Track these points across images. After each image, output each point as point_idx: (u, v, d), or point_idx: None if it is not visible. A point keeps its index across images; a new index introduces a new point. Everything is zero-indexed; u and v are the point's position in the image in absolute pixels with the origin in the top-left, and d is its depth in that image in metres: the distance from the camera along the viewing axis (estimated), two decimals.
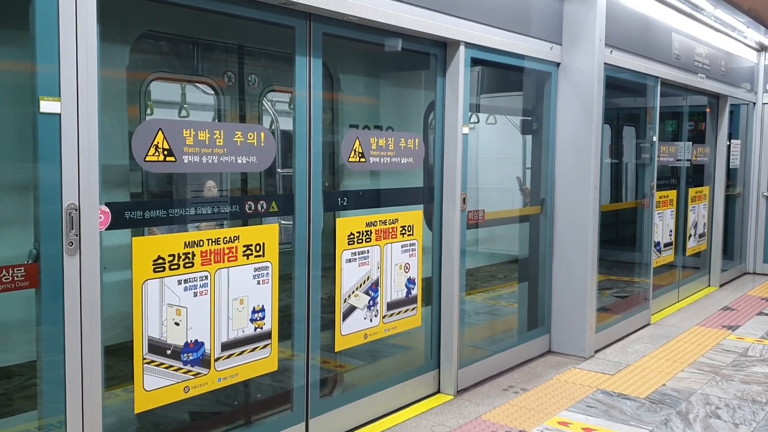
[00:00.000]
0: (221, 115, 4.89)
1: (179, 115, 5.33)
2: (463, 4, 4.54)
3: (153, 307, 3.03)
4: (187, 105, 5.39)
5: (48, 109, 2.59)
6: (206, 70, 4.69)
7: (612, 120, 9.08)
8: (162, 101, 4.55)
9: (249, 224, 3.77)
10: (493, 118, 7.58)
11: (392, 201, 4.51)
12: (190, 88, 5.39)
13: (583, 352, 5.69)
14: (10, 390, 3.77)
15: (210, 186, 4.64)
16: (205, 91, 5.78)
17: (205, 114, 5.76)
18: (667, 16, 6.91)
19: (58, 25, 2.60)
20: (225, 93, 4.81)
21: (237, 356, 3.40)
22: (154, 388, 3.08)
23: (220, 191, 4.57)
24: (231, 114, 4.87)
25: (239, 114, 4.92)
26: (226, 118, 4.90)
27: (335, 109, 5.58)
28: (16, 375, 3.78)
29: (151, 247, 3.02)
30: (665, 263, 7.56)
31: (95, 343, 2.77)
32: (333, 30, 3.80)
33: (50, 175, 2.62)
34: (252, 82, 4.82)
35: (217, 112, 5.50)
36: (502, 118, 7.67)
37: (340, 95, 5.66)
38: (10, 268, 2.54)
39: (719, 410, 4.54)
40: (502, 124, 7.70)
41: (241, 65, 4.79)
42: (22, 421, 3.49)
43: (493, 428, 4.18)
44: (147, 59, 4.25)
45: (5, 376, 3.77)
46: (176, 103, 4.70)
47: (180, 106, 5.33)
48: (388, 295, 4.31)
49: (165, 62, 4.42)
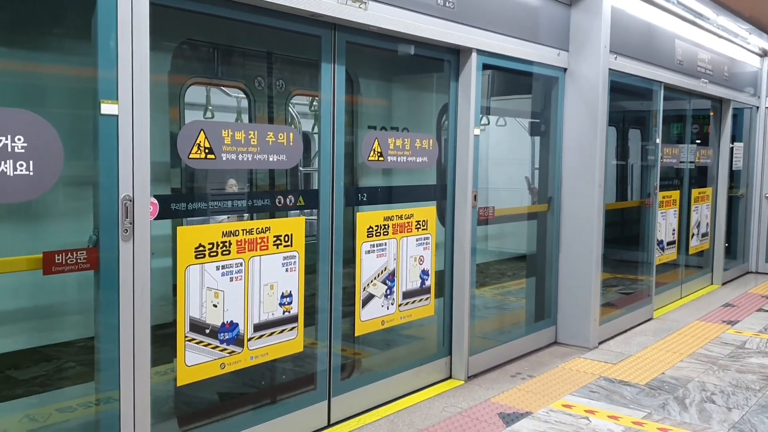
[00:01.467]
0: (251, 117, 5.23)
1: (204, 116, 5.67)
2: (475, 14, 4.85)
3: (194, 290, 3.36)
4: (212, 107, 5.75)
5: (107, 111, 2.92)
6: (238, 75, 5.04)
7: (619, 123, 9.36)
8: (193, 104, 4.91)
9: (276, 217, 4.10)
10: (503, 120, 7.89)
11: (407, 197, 4.83)
12: (213, 90, 5.74)
13: (588, 343, 5.99)
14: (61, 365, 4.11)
15: (231, 184, 4.98)
16: (229, 94, 6.12)
17: (227, 116, 6.11)
18: (670, 24, 7.19)
19: (116, 36, 2.93)
20: (256, 96, 5.15)
21: (267, 337, 3.73)
22: (195, 364, 3.40)
23: (250, 187, 4.91)
24: (260, 116, 5.21)
25: (268, 116, 5.26)
26: (255, 119, 5.24)
27: (354, 111, 5.91)
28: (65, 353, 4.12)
29: (193, 236, 3.34)
30: (668, 261, 7.84)
31: (145, 318, 3.09)
32: (356, 39, 4.13)
33: (108, 170, 2.95)
34: (279, 86, 5.16)
35: (239, 113, 5.84)
36: (512, 121, 7.98)
37: (359, 98, 6.00)
38: (74, 252, 2.87)
39: (714, 396, 4.83)
40: (511, 126, 8.01)
41: (270, 71, 5.13)
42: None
43: (501, 409, 4.49)
44: (187, 65, 4.60)
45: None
46: (206, 105, 5.06)
47: (205, 108, 5.68)
48: (403, 285, 4.62)
49: (202, 68, 4.77)
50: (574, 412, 4.47)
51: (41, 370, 4.07)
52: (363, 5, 3.98)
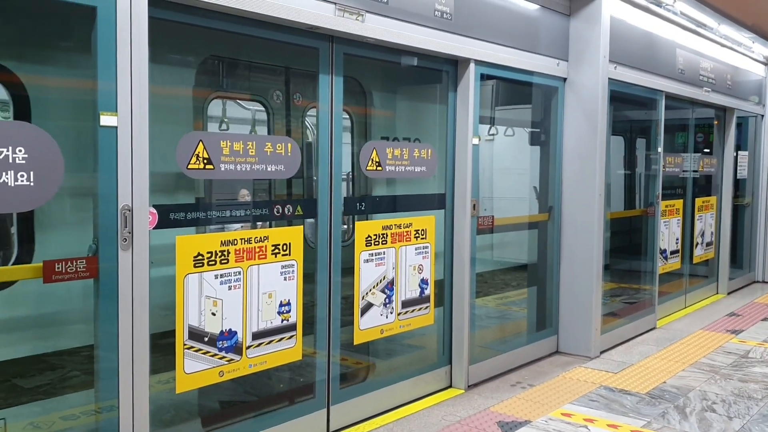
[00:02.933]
0: (270, 129, 5.37)
1: (220, 128, 5.77)
2: (473, 25, 4.90)
3: (193, 298, 3.41)
4: (227, 119, 5.84)
5: (106, 122, 2.98)
6: (258, 89, 5.16)
7: (625, 132, 9.37)
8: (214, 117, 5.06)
9: (274, 226, 4.14)
10: (511, 130, 7.93)
11: (406, 207, 4.87)
12: (230, 103, 5.83)
13: (589, 352, 5.99)
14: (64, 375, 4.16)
15: (243, 194, 5.05)
16: (244, 107, 6.22)
17: (242, 128, 6.21)
18: (671, 33, 7.22)
19: (115, 49, 2.99)
20: (274, 109, 5.28)
21: (266, 345, 3.76)
22: (193, 372, 3.44)
23: (269, 196, 5.00)
24: (278, 128, 5.33)
25: (285, 128, 5.38)
26: (273, 131, 5.37)
27: (368, 123, 6.01)
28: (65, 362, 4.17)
29: (192, 245, 3.39)
30: (672, 270, 7.83)
31: (144, 326, 3.14)
32: (353, 51, 4.18)
33: (108, 180, 3.01)
34: (297, 99, 5.28)
35: (254, 125, 5.92)
36: (520, 131, 8.01)
37: (372, 110, 6.08)
38: (74, 260, 2.93)
39: (715, 405, 4.82)
40: (520, 136, 8.03)
41: (287, 84, 5.26)
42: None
43: (500, 418, 4.50)
44: (210, 80, 4.75)
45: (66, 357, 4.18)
46: (225, 118, 5.18)
47: (221, 120, 5.78)
48: (402, 294, 4.65)
49: (224, 82, 4.92)
50: (573, 421, 4.48)
51: (46, 379, 4.13)
52: (360, 17, 4.04)
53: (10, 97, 3.79)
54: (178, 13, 3.33)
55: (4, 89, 3.79)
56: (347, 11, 3.96)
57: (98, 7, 2.95)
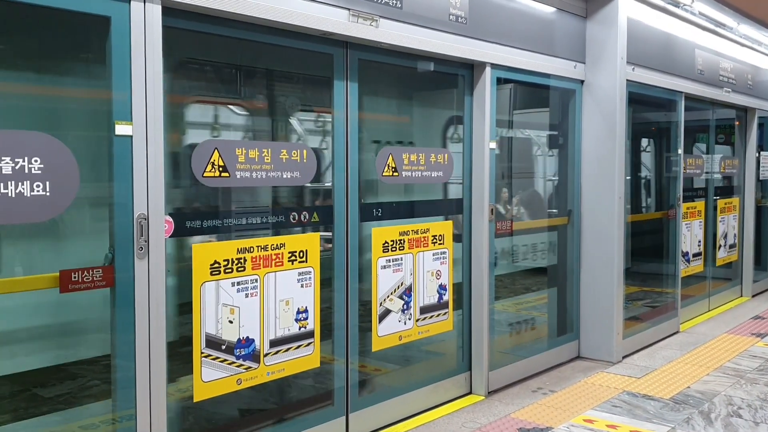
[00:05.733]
0: (257, 135, 5.35)
1: (211, 134, 5.77)
2: (488, 28, 4.87)
3: (210, 306, 3.40)
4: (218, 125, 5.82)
5: (122, 131, 2.99)
6: (250, 93, 5.14)
7: (650, 135, 9.26)
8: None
9: (291, 233, 4.13)
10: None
11: (423, 213, 4.84)
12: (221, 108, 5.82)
13: (611, 357, 5.90)
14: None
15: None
16: (236, 112, 6.21)
17: (233, 134, 6.20)
18: (689, 33, 7.13)
19: (130, 59, 3.00)
20: (275, 115, 5.27)
21: (284, 352, 3.75)
22: (211, 380, 3.43)
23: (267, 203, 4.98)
24: (273, 133, 5.29)
25: (278, 133, 5.35)
26: (266, 137, 5.34)
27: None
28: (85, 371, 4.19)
29: (209, 253, 3.39)
30: (695, 273, 7.70)
31: (161, 334, 3.14)
32: (368, 56, 4.17)
33: (123, 190, 3.01)
34: (293, 103, 5.25)
35: (246, 131, 5.91)
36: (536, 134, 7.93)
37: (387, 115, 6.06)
38: (90, 270, 2.93)
39: (741, 410, 4.72)
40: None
41: (287, 89, 5.24)
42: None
43: (521, 425, 4.44)
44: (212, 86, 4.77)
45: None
46: (220, 124, 5.16)
47: (212, 126, 5.76)
48: (421, 300, 4.61)
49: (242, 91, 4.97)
50: (595, 427, 4.41)
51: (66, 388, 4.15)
52: (374, 23, 4.02)
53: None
54: (192, 22, 3.34)
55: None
56: (361, 17, 3.94)
57: (112, 17, 2.96)
